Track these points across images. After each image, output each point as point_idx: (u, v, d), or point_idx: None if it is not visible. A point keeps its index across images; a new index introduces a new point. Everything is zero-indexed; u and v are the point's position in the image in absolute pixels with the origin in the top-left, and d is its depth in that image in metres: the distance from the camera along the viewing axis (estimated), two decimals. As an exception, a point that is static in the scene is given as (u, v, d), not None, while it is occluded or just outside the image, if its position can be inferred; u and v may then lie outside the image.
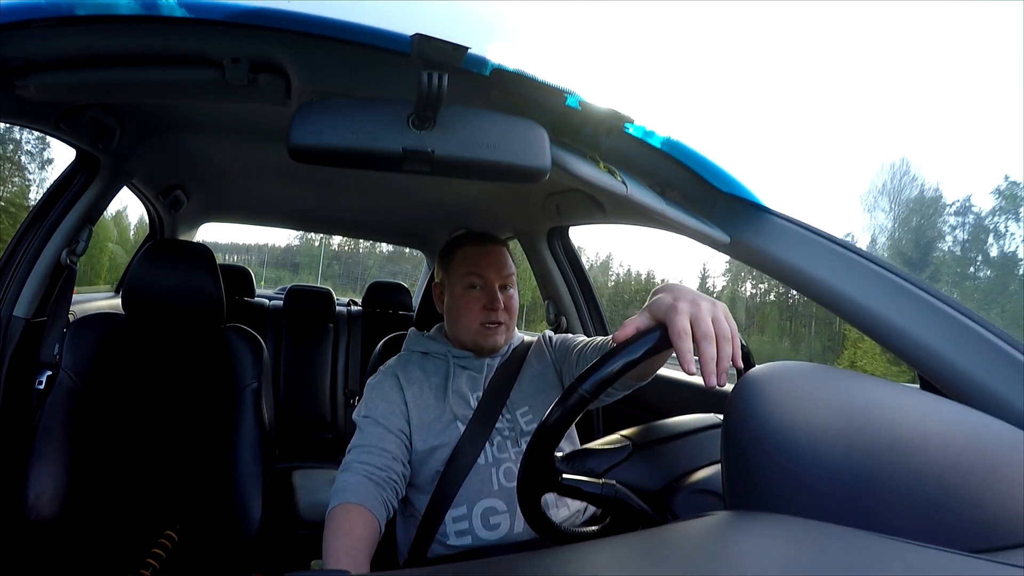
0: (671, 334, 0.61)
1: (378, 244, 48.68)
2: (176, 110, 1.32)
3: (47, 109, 1.06)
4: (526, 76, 0.70)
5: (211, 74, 0.80)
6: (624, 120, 0.76)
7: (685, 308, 0.62)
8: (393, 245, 3.49)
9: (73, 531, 1.21)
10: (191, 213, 2.30)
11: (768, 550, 0.41)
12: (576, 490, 0.67)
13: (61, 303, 1.38)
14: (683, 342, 0.61)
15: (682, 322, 0.61)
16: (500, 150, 0.63)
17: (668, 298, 0.64)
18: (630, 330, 0.65)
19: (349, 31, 0.70)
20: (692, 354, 0.61)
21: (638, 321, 0.66)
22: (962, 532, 0.44)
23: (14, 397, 1.27)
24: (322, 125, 0.59)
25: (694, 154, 0.82)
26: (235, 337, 1.39)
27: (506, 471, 1.03)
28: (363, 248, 50.90)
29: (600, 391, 0.62)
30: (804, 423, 0.49)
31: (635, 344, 0.63)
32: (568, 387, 0.63)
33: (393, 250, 45.38)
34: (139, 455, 1.28)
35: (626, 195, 0.76)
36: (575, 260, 1.87)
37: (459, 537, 1.01)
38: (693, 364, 0.60)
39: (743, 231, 0.81)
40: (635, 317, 0.66)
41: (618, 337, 0.65)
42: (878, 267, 0.74)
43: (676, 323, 0.61)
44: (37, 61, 0.80)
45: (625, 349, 0.63)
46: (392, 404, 1.07)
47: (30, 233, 1.34)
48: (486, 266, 1.11)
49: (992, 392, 0.65)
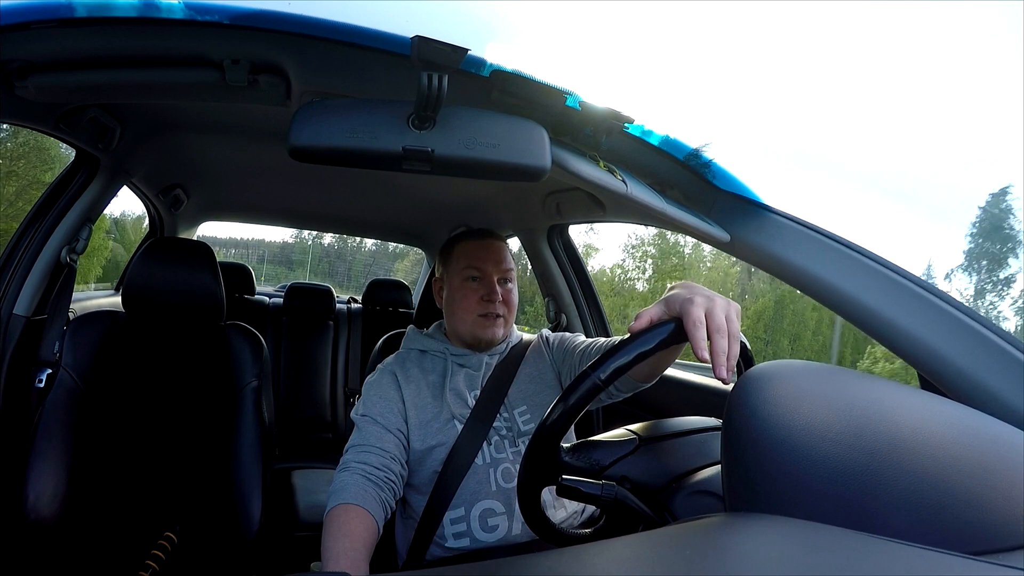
0: (686, 323, 0.63)
1: (362, 245, 49.43)
2: (176, 110, 1.32)
3: (47, 110, 1.06)
4: (526, 77, 0.70)
5: (211, 75, 0.80)
6: (624, 120, 0.76)
7: (701, 302, 0.64)
8: (376, 245, 3.50)
9: (73, 531, 1.21)
10: (191, 212, 2.30)
11: (767, 551, 0.41)
12: (575, 491, 0.67)
13: (61, 301, 1.38)
14: (698, 331, 0.62)
15: (697, 313, 0.63)
16: (500, 149, 0.63)
17: (685, 292, 0.66)
18: (644, 321, 0.67)
19: (349, 33, 0.70)
20: (705, 342, 0.63)
21: (653, 312, 0.67)
22: (962, 534, 0.45)
23: (14, 395, 1.27)
24: (322, 125, 0.60)
25: (693, 153, 0.82)
26: (235, 335, 1.39)
27: (504, 472, 1.03)
28: (351, 246, 53.28)
29: (614, 379, 0.63)
30: (804, 423, 0.49)
31: (650, 334, 0.64)
32: (580, 374, 0.64)
33: (376, 249, 46.59)
34: (139, 454, 1.28)
35: (626, 194, 0.76)
36: (575, 258, 1.87)
37: (457, 539, 1.01)
38: (706, 351, 0.62)
39: (743, 229, 0.81)
40: (650, 308, 0.68)
41: (633, 328, 0.66)
42: (879, 265, 0.73)
43: (692, 313, 0.63)
44: (37, 62, 0.80)
45: (640, 338, 0.64)
46: (390, 403, 1.07)
47: (30, 232, 1.34)
48: (485, 259, 1.12)
49: (992, 392, 0.65)
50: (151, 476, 1.28)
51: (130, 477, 1.27)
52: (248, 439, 1.32)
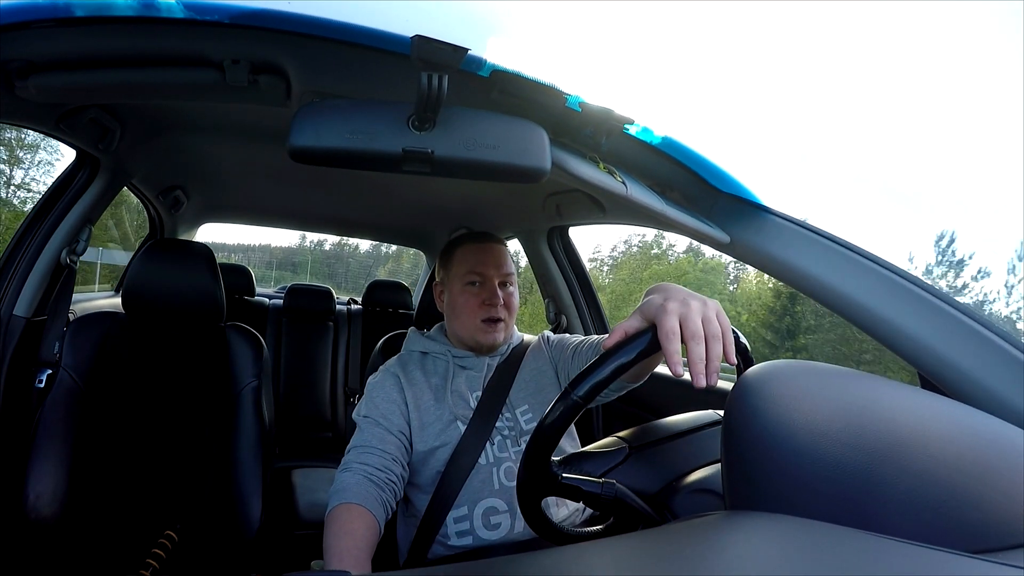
0: (660, 334, 0.61)
1: (357, 249, 50.11)
2: (176, 111, 1.32)
3: (47, 110, 1.06)
4: (526, 78, 0.70)
5: (211, 75, 0.79)
6: (624, 121, 0.76)
7: (674, 308, 0.61)
8: (371, 248, 3.52)
9: (73, 531, 1.21)
10: (191, 213, 2.30)
11: (768, 550, 0.42)
12: (576, 490, 0.67)
13: (61, 302, 1.38)
14: (671, 343, 0.60)
15: (670, 323, 0.60)
16: (500, 151, 0.63)
17: (658, 299, 0.64)
18: (619, 335, 0.64)
19: (349, 32, 0.70)
20: (680, 355, 0.60)
21: (627, 325, 0.65)
22: (961, 532, 0.45)
23: (14, 396, 1.27)
24: (322, 126, 0.60)
25: (693, 154, 0.82)
26: (235, 335, 1.39)
27: (507, 470, 1.03)
28: (346, 249, 54.75)
29: (593, 396, 0.61)
30: (804, 422, 0.49)
31: (626, 348, 0.62)
32: (561, 393, 0.62)
33: (371, 250, 47.47)
34: (139, 453, 1.28)
35: (626, 195, 0.76)
36: (575, 259, 1.88)
37: (460, 537, 1.01)
38: (680, 366, 0.59)
39: (743, 230, 0.81)
40: (625, 321, 0.65)
41: (607, 344, 0.64)
42: (878, 266, 0.74)
43: (664, 324, 0.61)
44: (37, 62, 0.79)
45: (616, 354, 0.62)
46: (393, 404, 1.07)
47: (30, 233, 1.34)
48: (486, 264, 1.12)
49: (992, 391, 0.65)
50: (151, 476, 1.28)
51: (130, 477, 1.27)
52: (248, 439, 1.32)
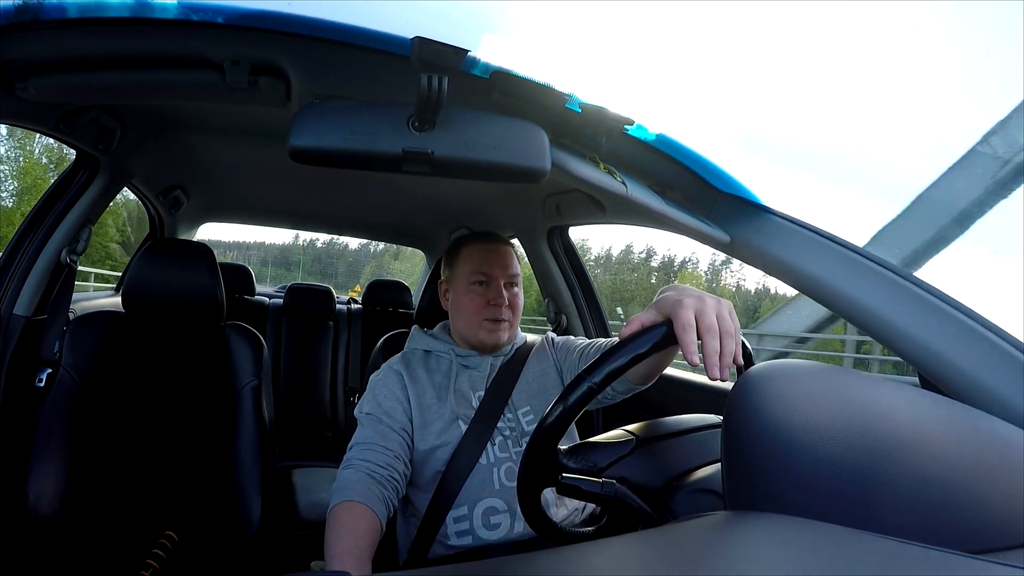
0: (676, 327, 0.63)
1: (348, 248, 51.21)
2: (176, 111, 1.32)
3: (47, 110, 1.06)
4: (526, 79, 0.70)
5: (211, 76, 0.79)
6: (624, 122, 0.76)
7: (691, 303, 0.64)
8: (359, 247, 3.53)
9: (74, 530, 1.21)
10: (191, 213, 2.30)
11: (768, 550, 0.42)
12: (576, 489, 0.67)
13: (61, 301, 1.39)
14: (687, 334, 0.62)
15: (687, 316, 0.63)
16: (500, 151, 0.63)
17: (674, 295, 0.66)
18: (635, 325, 0.66)
19: (349, 34, 0.70)
20: (695, 346, 0.62)
21: (643, 317, 0.67)
22: (961, 532, 0.45)
23: (14, 395, 1.27)
24: (322, 127, 0.60)
25: (693, 154, 0.82)
26: (235, 335, 1.39)
27: (507, 471, 1.03)
28: (336, 248, 56.57)
29: (608, 383, 0.63)
30: (804, 422, 0.49)
31: (642, 338, 0.64)
32: (575, 378, 0.64)
33: (359, 249, 48.78)
34: (139, 453, 1.28)
35: (626, 195, 0.76)
36: (575, 259, 1.88)
37: (460, 537, 1.01)
38: (696, 356, 0.62)
39: (743, 230, 0.81)
40: (641, 313, 0.68)
41: (624, 333, 0.66)
42: (877, 265, 0.74)
43: (681, 316, 0.63)
44: (37, 63, 0.80)
45: (632, 343, 0.64)
46: (395, 402, 1.07)
47: (30, 232, 1.34)
48: (491, 264, 1.12)
49: (992, 391, 0.65)
50: (151, 475, 1.28)
51: (130, 476, 1.27)
52: (248, 438, 1.33)
